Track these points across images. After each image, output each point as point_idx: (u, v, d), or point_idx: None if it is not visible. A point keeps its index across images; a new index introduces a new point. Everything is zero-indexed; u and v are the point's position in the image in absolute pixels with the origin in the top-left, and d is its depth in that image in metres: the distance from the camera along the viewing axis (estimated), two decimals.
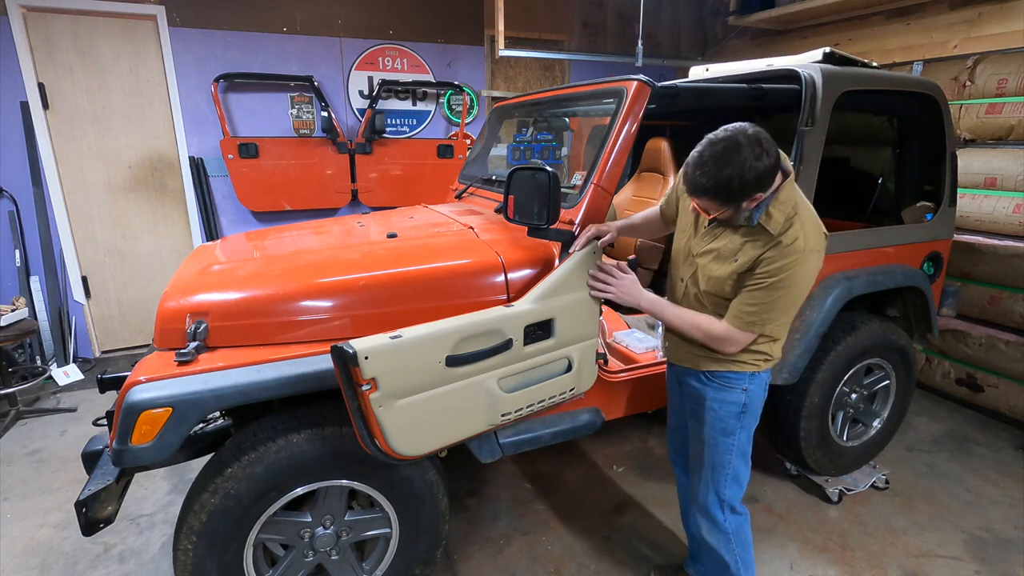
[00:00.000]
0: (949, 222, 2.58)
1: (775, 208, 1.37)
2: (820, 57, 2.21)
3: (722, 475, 1.64)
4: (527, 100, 2.64)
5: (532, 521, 2.36)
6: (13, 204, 3.63)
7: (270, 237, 2.27)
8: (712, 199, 1.33)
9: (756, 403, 1.60)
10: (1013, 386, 3.07)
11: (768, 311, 1.40)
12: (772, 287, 1.37)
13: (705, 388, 1.59)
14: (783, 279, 1.36)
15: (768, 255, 1.36)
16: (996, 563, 2.13)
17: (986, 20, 3.21)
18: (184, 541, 1.49)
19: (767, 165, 1.28)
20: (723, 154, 1.27)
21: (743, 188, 1.28)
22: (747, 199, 1.32)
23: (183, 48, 3.83)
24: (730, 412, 1.58)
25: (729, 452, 1.61)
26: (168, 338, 1.55)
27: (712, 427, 1.60)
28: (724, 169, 1.27)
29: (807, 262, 1.36)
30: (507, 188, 1.76)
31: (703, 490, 1.68)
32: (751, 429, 1.63)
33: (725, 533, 1.68)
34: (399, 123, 4.58)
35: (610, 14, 5.11)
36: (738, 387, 1.56)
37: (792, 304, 1.42)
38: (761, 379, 1.58)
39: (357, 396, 1.32)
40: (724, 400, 1.57)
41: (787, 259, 1.35)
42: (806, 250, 1.35)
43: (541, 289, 1.61)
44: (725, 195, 1.30)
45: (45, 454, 2.83)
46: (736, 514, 1.69)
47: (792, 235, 1.35)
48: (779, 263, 1.35)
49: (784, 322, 1.46)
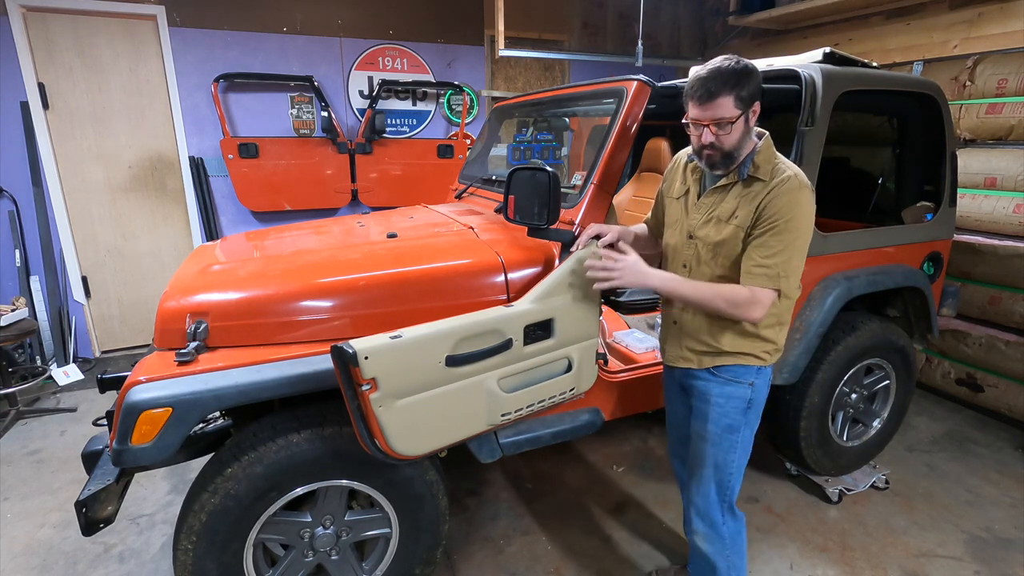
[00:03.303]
0: (949, 222, 2.58)
1: (759, 159, 1.43)
2: (820, 57, 2.21)
3: (725, 474, 1.61)
4: (527, 100, 2.64)
5: (532, 521, 2.36)
6: (13, 204, 3.63)
7: (270, 237, 2.27)
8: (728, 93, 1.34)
9: (761, 399, 1.59)
10: (1013, 386, 3.07)
11: (783, 257, 1.39)
12: (780, 230, 1.38)
13: (710, 384, 1.58)
14: (790, 219, 1.38)
15: (769, 201, 1.39)
16: (996, 563, 2.13)
17: (986, 20, 3.21)
18: (184, 541, 1.49)
19: (756, 81, 1.37)
20: (725, 59, 1.36)
21: (747, 74, 1.34)
22: (754, 100, 1.37)
23: (183, 48, 3.84)
24: (736, 408, 1.56)
25: (733, 450, 1.59)
26: (168, 338, 1.55)
27: (717, 423, 1.58)
28: (729, 64, 1.34)
29: (805, 199, 1.40)
30: (507, 188, 1.76)
31: (703, 491, 1.65)
32: (755, 427, 1.62)
33: (722, 538, 1.66)
34: (399, 123, 4.58)
35: (610, 14, 5.11)
36: (745, 381, 1.55)
37: (802, 247, 1.42)
38: (767, 373, 1.58)
39: (357, 396, 1.32)
40: (730, 395, 1.56)
41: (787, 196, 1.38)
42: (801, 187, 1.39)
43: (541, 289, 1.60)
44: (739, 86, 1.34)
45: (45, 454, 2.83)
46: (735, 518, 1.67)
47: (783, 175, 1.40)
48: (781, 202, 1.38)
49: (797, 272, 1.44)
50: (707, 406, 1.59)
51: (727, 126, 1.37)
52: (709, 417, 1.59)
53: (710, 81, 1.36)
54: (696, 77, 1.39)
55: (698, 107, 1.39)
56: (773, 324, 1.52)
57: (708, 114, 1.38)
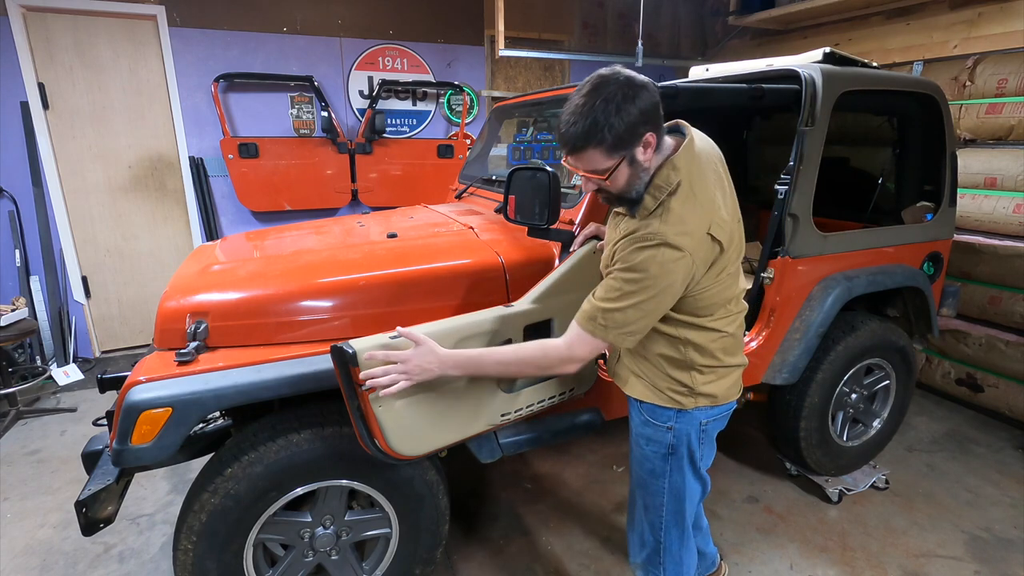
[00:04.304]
0: (949, 222, 2.57)
1: (649, 192, 1.19)
2: (820, 57, 2.21)
3: (656, 517, 1.46)
4: (527, 100, 2.64)
5: (532, 521, 2.36)
6: (13, 204, 3.63)
7: (270, 237, 2.27)
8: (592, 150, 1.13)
9: (687, 445, 1.38)
10: (1013, 386, 3.07)
11: (608, 303, 1.18)
12: (614, 278, 1.19)
13: (634, 420, 1.44)
14: (625, 270, 1.16)
15: (624, 246, 1.19)
16: (996, 563, 2.13)
17: (986, 20, 3.21)
18: (184, 541, 1.49)
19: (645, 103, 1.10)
20: (587, 97, 1.10)
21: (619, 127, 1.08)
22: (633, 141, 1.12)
23: (183, 48, 3.84)
24: (656, 452, 1.40)
25: (659, 495, 1.43)
26: (168, 338, 1.55)
27: (640, 465, 1.45)
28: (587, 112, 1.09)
29: (658, 258, 1.13)
30: (507, 188, 1.76)
31: (638, 528, 1.53)
32: (688, 474, 1.41)
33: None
34: (399, 123, 4.58)
35: (610, 14, 5.11)
36: (663, 424, 1.37)
37: (635, 303, 1.16)
38: (691, 418, 1.36)
39: (357, 396, 1.32)
40: (649, 438, 1.40)
41: (634, 251, 1.15)
42: (660, 245, 1.13)
43: (541, 289, 1.60)
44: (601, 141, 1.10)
45: (45, 454, 2.83)
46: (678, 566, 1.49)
47: (647, 224, 1.17)
48: (626, 255, 1.17)
49: (627, 326, 1.19)
50: (634, 446, 1.47)
51: (606, 174, 1.16)
52: (635, 458, 1.47)
53: (568, 133, 1.12)
54: (562, 116, 1.14)
55: (568, 156, 1.18)
56: (681, 367, 1.33)
57: (581, 165, 1.18)
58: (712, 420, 1.40)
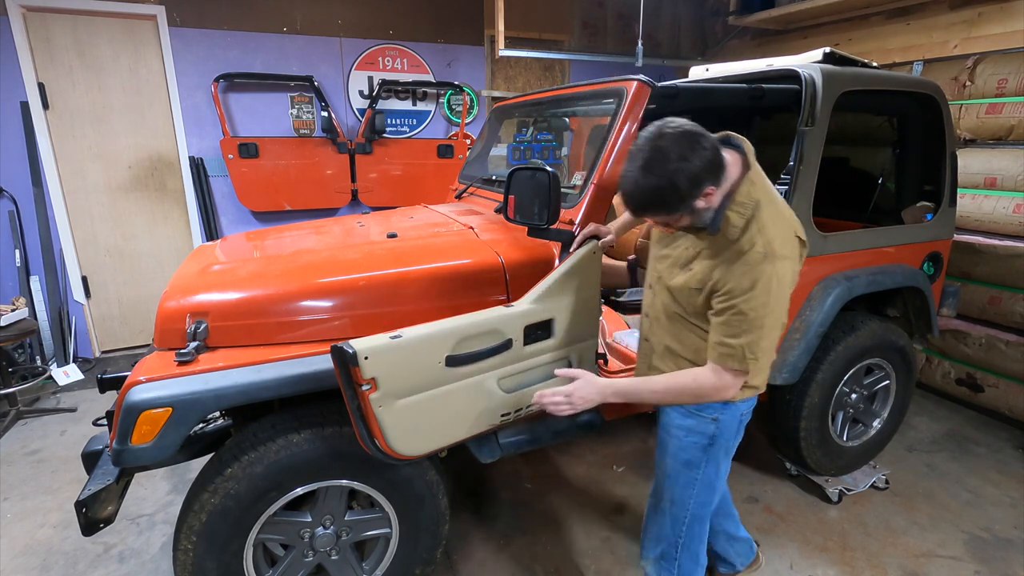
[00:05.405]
0: (949, 222, 2.58)
1: (732, 211, 1.22)
2: (820, 57, 2.21)
3: (681, 510, 1.50)
4: (527, 100, 2.64)
5: (532, 521, 2.36)
6: (13, 204, 3.63)
7: (270, 237, 2.27)
8: (656, 213, 1.21)
9: (727, 436, 1.44)
10: (1013, 386, 3.07)
11: (749, 338, 1.21)
12: (747, 312, 1.19)
13: (671, 414, 1.48)
14: (751, 300, 1.18)
15: (726, 269, 1.21)
16: (996, 563, 2.13)
17: (986, 20, 3.21)
18: (184, 541, 1.49)
19: (703, 159, 1.13)
20: (646, 164, 1.14)
21: (679, 192, 1.14)
22: (694, 199, 1.17)
23: (183, 48, 3.83)
24: (696, 443, 1.44)
25: (691, 486, 1.47)
26: (168, 338, 1.55)
27: (676, 457, 1.48)
28: (650, 180, 1.14)
29: (774, 273, 1.18)
30: (507, 188, 1.76)
31: (659, 521, 1.56)
32: (721, 466, 1.49)
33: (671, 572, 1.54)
34: (399, 123, 4.58)
35: (610, 14, 5.11)
36: (707, 416, 1.41)
37: (772, 323, 1.22)
38: (735, 410, 1.42)
39: (357, 396, 1.32)
40: (691, 429, 1.44)
41: (748, 274, 1.18)
42: (769, 258, 1.17)
43: (541, 289, 1.60)
44: (664, 205, 1.16)
45: (45, 454, 2.83)
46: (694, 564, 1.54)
47: (749, 241, 1.19)
48: (740, 280, 1.19)
49: (768, 351, 1.26)
50: (668, 437, 1.50)
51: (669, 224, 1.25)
52: (668, 450, 1.50)
53: (632, 198, 1.19)
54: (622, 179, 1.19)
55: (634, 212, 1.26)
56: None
57: (641, 216, 1.26)
58: (748, 411, 1.46)
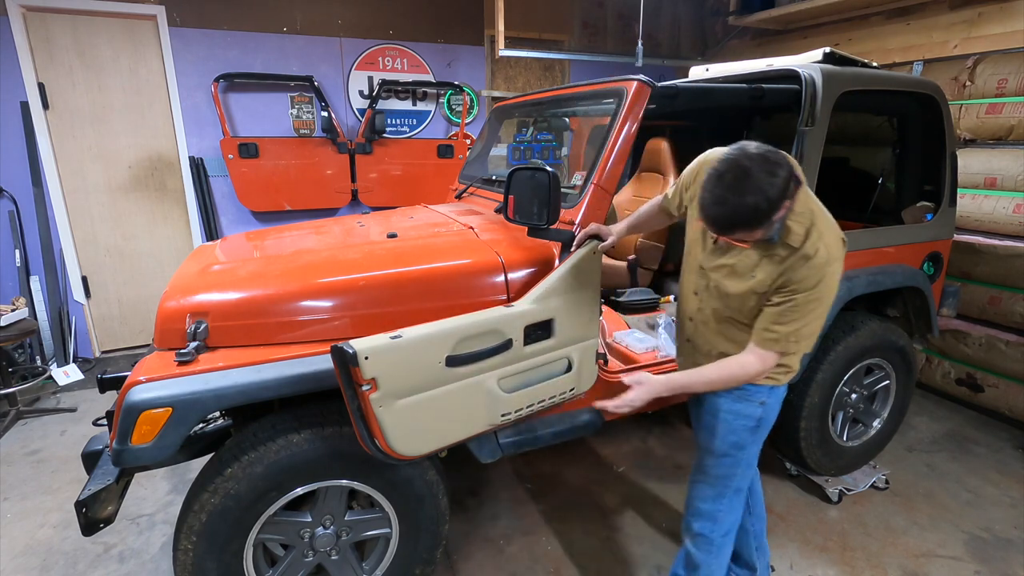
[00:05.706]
0: (949, 222, 2.58)
1: (793, 220, 1.32)
2: (820, 57, 2.21)
3: (727, 488, 1.60)
4: (527, 100, 2.64)
5: (532, 521, 2.36)
6: (13, 204, 3.63)
7: (270, 237, 2.27)
8: (745, 230, 1.26)
9: (771, 418, 1.56)
10: (1013, 386, 3.07)
11: (798, 325, 1.34)
12: (802, 305, 1.32)
13: (720, 399, 1.54)
14: (812, 294, 1.31)
15: (792, 272, 1.32)
16: (996, 563, 2.13)
17: (986, 20, 3.21)
18: (184, 541, 1.49)
19: (784, 176, 1.21)
20: (736, 184, 1.20)
21: (770, 208, 1.21)
22: (776, 212, 1.25)
23: (183, 48, 3.84)
24: (744, 426, 1.54)
25: (736, 465, 1.58)
26: (168, 338, 1.55)
27: (724, 440, 1.56)
28: (745, 199, 1.20)
29: (833, 274, 1.32)
30: (507, 188, 1.76)
31: (703, 495, 1.63)
32: (760, 444, 1.60)
33: (711, 549, 1.64)
34: (399, 123, 4.58)
35: (610, 14, 5.11)
36: (756, 400, 1.51)
37: (822, 318, 1.37)
38: (779, 393, 1.54)
39: (357, 396, 1.32)
40: (740, 413, 1.53)
41: (814, 275, 1.30)
42: (830, 261, 1.31)
43: (541, 289, 1.60)
44: (755, 222, 1.23)
45: (45, 454, 2.83)
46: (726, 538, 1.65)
47: (813, 247, 1.30)
48: (806, 280, 1.31)
49: (813, 336, 1.39)
50: (715, 421, 1.57)
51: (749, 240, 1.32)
52: (716, 432, 1.57)
53: (725, 220, 1.25)
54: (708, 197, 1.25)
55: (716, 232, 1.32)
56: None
57: (726, 235, 1.31)
58: (787, 394, 1.58)
